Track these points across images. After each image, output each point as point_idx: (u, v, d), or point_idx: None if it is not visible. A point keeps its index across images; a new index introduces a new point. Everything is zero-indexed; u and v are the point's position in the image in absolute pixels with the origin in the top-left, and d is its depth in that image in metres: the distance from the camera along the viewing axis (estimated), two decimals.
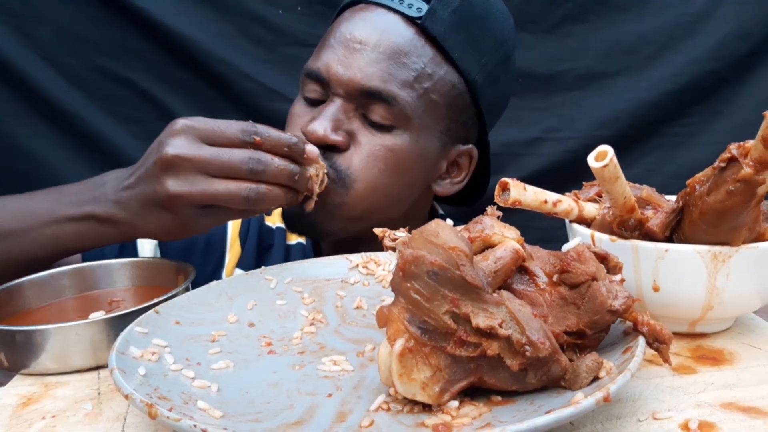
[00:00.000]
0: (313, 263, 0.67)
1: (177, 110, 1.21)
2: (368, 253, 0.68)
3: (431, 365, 0.41)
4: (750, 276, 0.51)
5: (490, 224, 0.47)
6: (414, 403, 0.42)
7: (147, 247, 0.92)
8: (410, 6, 0.78)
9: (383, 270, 0.66)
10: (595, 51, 1.23)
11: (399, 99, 0.76)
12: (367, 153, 0.77)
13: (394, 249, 0.52)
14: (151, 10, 1.16)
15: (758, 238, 0.51)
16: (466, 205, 1.00)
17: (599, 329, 0.44)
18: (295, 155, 0.66)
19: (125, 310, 0.55)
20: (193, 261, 0.92)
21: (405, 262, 0.41)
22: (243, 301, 0.60)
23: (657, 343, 0.44)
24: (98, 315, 0.56)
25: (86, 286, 0.68)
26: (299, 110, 0.82)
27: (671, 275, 0.51)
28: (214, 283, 0.61)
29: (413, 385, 0.41)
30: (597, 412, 0.43)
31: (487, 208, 0.49)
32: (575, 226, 0.57)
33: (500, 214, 0.50)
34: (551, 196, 0.55)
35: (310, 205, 0.70)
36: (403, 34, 0.77)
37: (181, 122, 0.65)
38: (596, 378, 0.42)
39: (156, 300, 0.57)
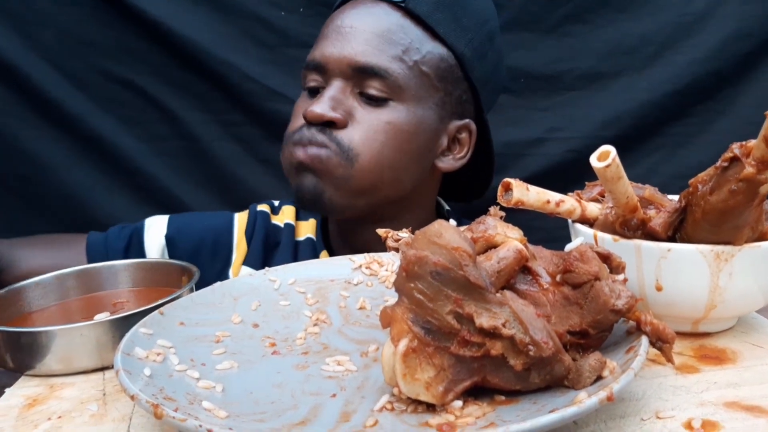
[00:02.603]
0: (316, 264, 0.68)
1: (180, 112, 1.22)
2: (371, 254, 0.68)
3: (435, 365, 0.41)
4: (753, 275, 0.51)
5: (492, 224, 0.47)
6: (418, 402, 0.42)
7: (154, 249, 0.93)
8: None
9: (386, 270, 0.66)
10: (596, 51, 1.23)
11: (391, 71, 0.83)
12: (367, 128, 0.83)
13: (397, 249, 0.52)
14: (153, 13, 1.16)
15: (761, 237, 0.51)
16: (474, 198, 1.02)
17: (602, 329, 0.44)
18: None
19: (130, 311, 0.56)
20: (202, 261, 0.94)
21: (408, 263, 0.41)
22: (247, 302, 0.60)
23: (660, 342, 0.44)
24: (103, 316, 0.57)
25: (91, 287, 0.68)
26: (301, 103, 0.88)
27: (674, 275, 0.51)
28: (218, 284, 0.61)
29: (417, 385, 0.41)
30: (600, 411, 0.43)
31: (489, 209, 0.50)
32: (578, 225, 0.57)
33: (503, 214, 0.50)
34: (554, 196, 0.55)
35: None
36: (389, 17, 0.85)
37: None
38: (599, 377, 0.42)
39: (160, 301, 0.57)
